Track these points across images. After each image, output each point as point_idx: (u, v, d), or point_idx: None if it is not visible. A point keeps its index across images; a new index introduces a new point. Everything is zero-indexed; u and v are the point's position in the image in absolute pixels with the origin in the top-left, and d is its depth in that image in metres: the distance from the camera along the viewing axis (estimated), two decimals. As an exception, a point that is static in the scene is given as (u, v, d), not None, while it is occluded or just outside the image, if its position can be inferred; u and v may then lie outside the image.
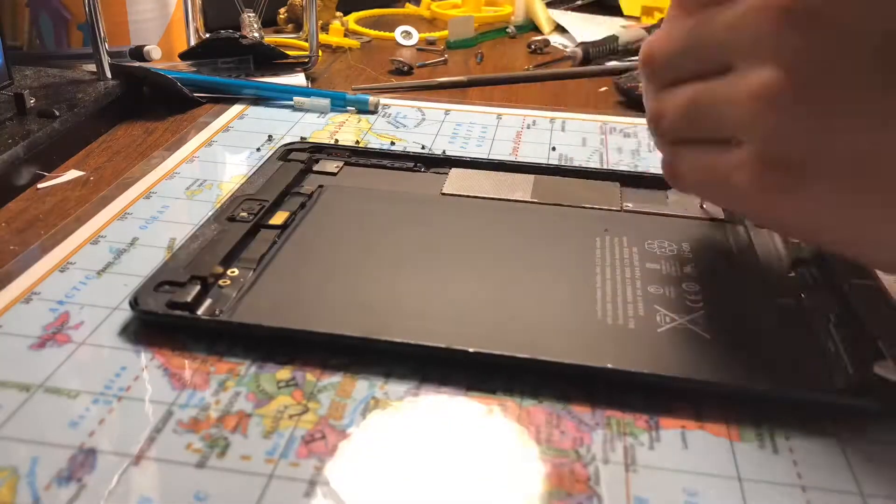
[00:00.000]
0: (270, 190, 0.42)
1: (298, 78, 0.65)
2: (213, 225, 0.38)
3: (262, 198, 0.41)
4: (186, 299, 0.33)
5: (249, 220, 0.39)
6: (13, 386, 0.29)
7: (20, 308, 0.34)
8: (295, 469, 0.26)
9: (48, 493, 0.25)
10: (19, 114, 0.49)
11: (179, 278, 0.34)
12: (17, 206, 0.43)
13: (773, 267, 0.38)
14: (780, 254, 0.39)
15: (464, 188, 0.45)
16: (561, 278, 0.36)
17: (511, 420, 0.28)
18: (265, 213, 0.40)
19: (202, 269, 0.35)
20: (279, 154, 0.47)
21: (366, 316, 0.33)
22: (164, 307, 0.32)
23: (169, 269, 0.35)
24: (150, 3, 0.65)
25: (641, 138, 0.55)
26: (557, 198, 0.43)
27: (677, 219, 0.42)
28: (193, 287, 0.33)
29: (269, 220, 0.40)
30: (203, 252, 0.36)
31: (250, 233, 0.39)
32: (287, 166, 0.46)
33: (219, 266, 0.35)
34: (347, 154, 0.48)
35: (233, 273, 0.35)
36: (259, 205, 0.41)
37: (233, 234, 0.38)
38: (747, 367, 0.31)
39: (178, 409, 0.28)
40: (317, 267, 0.36)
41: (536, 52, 0.79)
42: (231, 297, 0.34)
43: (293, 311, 0.33)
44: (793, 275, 0.37)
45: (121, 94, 0.56)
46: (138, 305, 0.32)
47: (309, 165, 0.47)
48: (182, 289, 0.33)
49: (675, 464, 0.27)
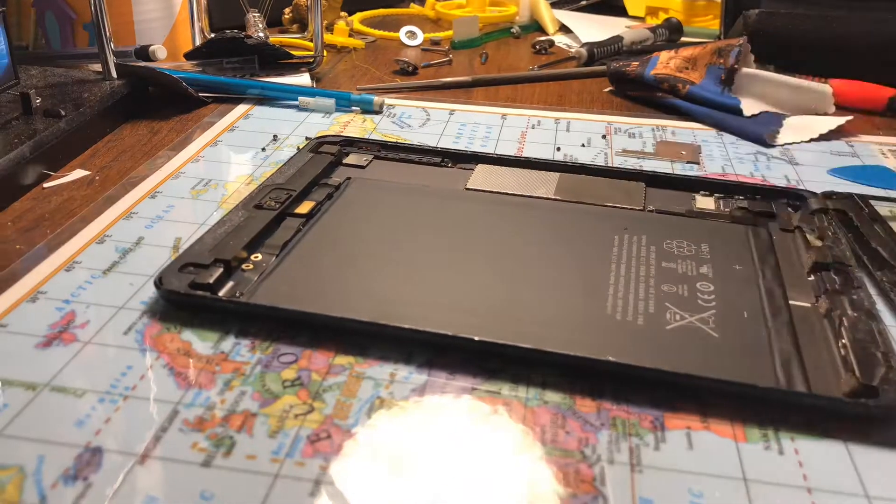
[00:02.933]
0: (299, 180, 0.43)
1: (303, 78, 0.65)
2: (240, 212, 0.39)
3: (290, 187, 0.42)
4: (209, 280, 0.34)
5: (276, 209, 0.40)
6: (20, 385, 0.29)
7: (26, 307, 0.34)
8: (300, 468, 0.26)
9: (54, 491, 0.25)
10: (25, 113, 0.49)
11: (204, 261, 0.35)
12: (22, 206, 0.43)
13: (792, 270, 0.37)
14: (801, 258, 0.38)
15: (488, 184, 0.45)
16: (575, 274, 0.36)
17: (516, 420, 0.28)
18: (292, 203, 0.41)
19: (226, 253, 0.36)
20: (311, 146, 0.48)
21: (378, 303, 0.33)
22: (186, 287, 0.33)
23: (194, 251, 0.36)
24: (156, 4, 0.65)
25: (646, 138, 0.55)
26: (580, 196, 0.44)
27: (699, 220, 0.42)
28: (216, 269, 0.34)
29: (296, 209, 0.41)
30: (229, 237, 0.37)
31: (276, 220, 0.39)
32: (317, 158, 0.47)
33: (243, 251, 0.36)
34: (377, 148, 0.49)
35: (256, 258, 0.36)
36: (287, 194, 0.42)
37: (259, 220, 0.39)
38: (754, 366, 0.31)
39: (183, 408, 0.28)
40: (337, 255, 0.37)
41: (541, 52, 0.79)
42: (252, 280, 0.35)
43: (310, 295, 0.34)
44: (811, 279, 0.37)
45: (126, 93, 0.56)
46: (163, 285, 0.33)
47: (339, 158, 0.48)
48: (206, 270, 0.34)
49: (681, 464, 0.27)
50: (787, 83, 0.60)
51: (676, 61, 0.63)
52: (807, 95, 0.60)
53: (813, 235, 0.40)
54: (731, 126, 0.57)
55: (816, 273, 0.37)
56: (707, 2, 0.88)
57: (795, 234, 0.41)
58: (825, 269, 0.37)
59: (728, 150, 0.54)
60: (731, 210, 0.43)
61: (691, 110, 0.60)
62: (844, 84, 0.62)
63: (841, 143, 0.56)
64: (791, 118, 0.58)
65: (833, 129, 0.56)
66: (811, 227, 0.41)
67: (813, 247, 0.39)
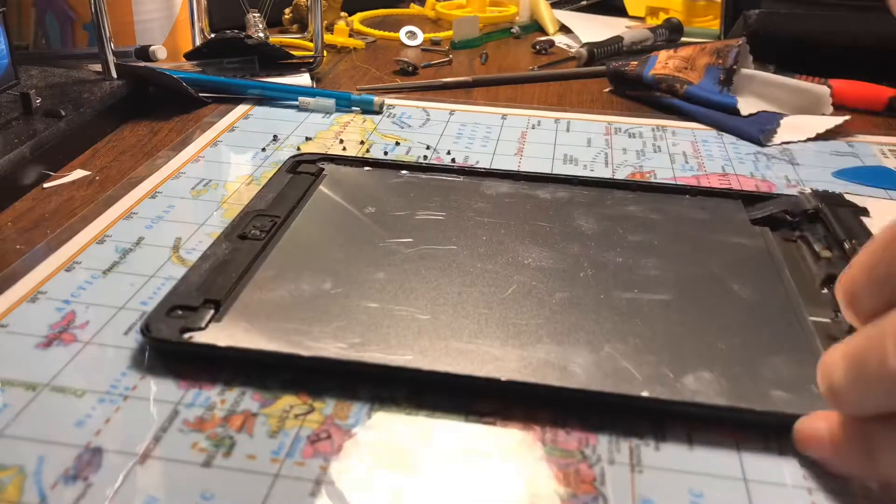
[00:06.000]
0: (281, 205, 0.41)
1: (303, 78, 0.65)
2: (223, 244, 0.37)
3: (274, 213, 0.40)
4: (200, 325, 0.31)
5: (261, 238, 0.38)
6: (20, 385, 0.29)
7: (26, 307, 0.34)
8: (300, 468, 0.26)
9: (54, 491, 0.25)
10: (25, 113, 0.49)
11: (192, 302, 0.32)
12: (23, 206, 0.43)
13: (803, 284, 0.37)
14: (812, 270, 0.38)
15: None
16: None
17: (517, 420, 0.28)
18: (277, 230, 0.39)
19: (215, 292, 0.33)
20: (288, 167, 0.46)
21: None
22: (177, 334, 0.31)
23: (181, 292, 0.33)
24: (156, 4, 0.65)
25: (646, 138, 0.55)
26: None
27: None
28: (207, 311, 0.32)
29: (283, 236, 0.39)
30: (215, 273, 0.35)
31: (263, 250, 0.37)
32: (297, 179, 0.44)
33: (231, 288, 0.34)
34: (358, 164, 0.47)
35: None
36: (271, 221, 0.39)
37: (245, 253, 0.36)
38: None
39: (183, 408, 0.28)
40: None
41: (541, 52, 0.79)
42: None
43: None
44: (825, 292, 0.36)
45: (126, 93, 0.56)
46: (150, 332, 0.31)
47: (318, 176, 0.45)
48: (195, 313, 0.32)
49: (681, 465, 0.27)
50: (784, 84, 0.60)
51: (675, 61, 0.64)
52: (804, 96, 0.60)
53: (820, 245, 0.39)
54: (729, 125, 0.57)
55: (829, 286, 0.36)
56: (707, 2, 0.88)
57: (799, 243, 0.40)
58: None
59: (728, 150, 0.54)
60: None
61: (690, 110, 0.60)
62: (844, 84, 0.62)
63: (841, 143, 0.56)
64: (788, 118, 0.58)
65: (831, 129, 0.56)
66: (817, 238, 0.40)
67: (822, 258, 0.38)
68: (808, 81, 0.62)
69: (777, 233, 0.41)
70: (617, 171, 0.50)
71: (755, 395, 0.29)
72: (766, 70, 0.63)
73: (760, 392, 0.29)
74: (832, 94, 0.59)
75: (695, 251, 0.39)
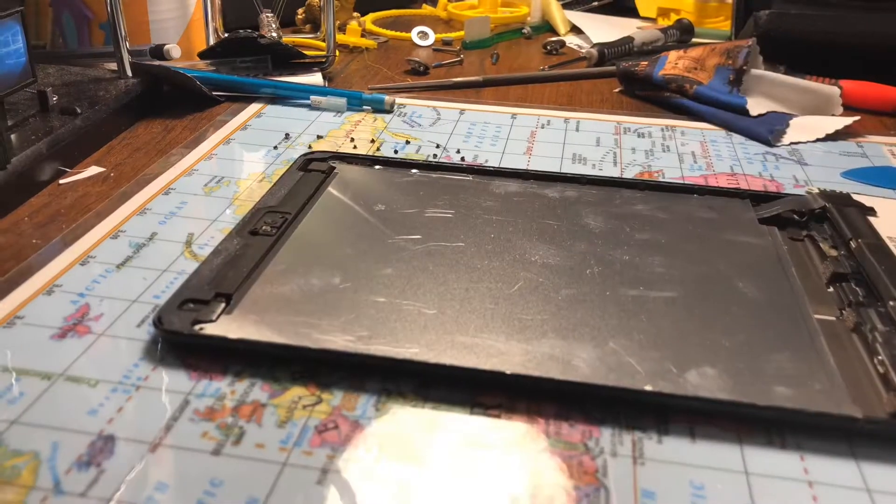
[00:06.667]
0: (292, 201, 0.42)
1: (315, 77, 0.66)
2: (235, 239, 0.38)
3: (285, 210, 0.41)
4: (212, 318, 0.32)
5: (272, 234, 0.38)
6: (35, 374, 0.30)
7: (42, 300, 0.35)
8: (308, 457, 0.26)
9: (68, 476, 0.25)
10: (42, 111, 0.50)
11: (204, 296, 0.33)
12: (39, 201, 0.44)
13: (809, 281, 0.37)
14: (818, 269, 0.38)
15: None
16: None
17: (521, 413, 0.29)
18: (288, 226, 0.40)
19: (226, 286, 0.34)
20: (299, 164, 0.46)
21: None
22: (189, 326, 0.31)
23: (193, 285, 0.34)
24: (171, 3, 0.66)
25: (655, 138, 0.56)
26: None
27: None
28: (218, 304, 0.33)
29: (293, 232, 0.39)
30: (226, 267, 0.35)
31: (274, 246, 0.38)
32: (307, 177, 0.45)
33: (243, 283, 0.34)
34: (368, 163, 0.48)
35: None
36: (282, 217, 0.40)
37: (256, 248, 0.37)
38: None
39: (194, 398, 0.29)
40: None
41: (552, 52, 0.79)
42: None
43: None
44: (831, 290, 0.36)
45: (141, 92, 0.57)
46: (162, 324, 0.32)
47: (329, 175, 0.46)
48: (206, 306, 0.33)
49: (683, 457, 0.27)
50: (794, 85, 0.60)
51: (685, 62, 0.64)
52: (814, 97, 0.60)
53: (826, 244, 0.39)
54: (738, 126, 0.57)
55: (835, 284, 0.36)
56: (718, 3, 0.89)
57: (806, 242, 0.40)
58: (844, 280, 0.36)
59: (737, 150, 0.54)
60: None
61: (699, 110, 0.60)
62: (855, 85, 0.62)
63: (850, 144, 0.56)
64: (798, 118, 0.58)
65: (840, 130, 0.56)
66: (823, 237, 0.40)
67: (829, 257, 0.38)
68: (819, 82, 0.62)
69: (784, 232, 0.41)
70: (626, 171, 0.50)
71: (757, 390, 0.29)
72: (776, 71, 0.63)
73: (763, 388, 0.30)
74: (842, 95, 0.60)
75: (702, 250, 0.39)
